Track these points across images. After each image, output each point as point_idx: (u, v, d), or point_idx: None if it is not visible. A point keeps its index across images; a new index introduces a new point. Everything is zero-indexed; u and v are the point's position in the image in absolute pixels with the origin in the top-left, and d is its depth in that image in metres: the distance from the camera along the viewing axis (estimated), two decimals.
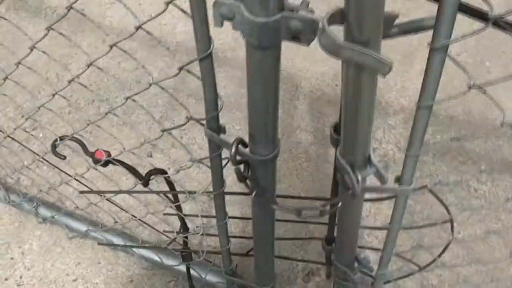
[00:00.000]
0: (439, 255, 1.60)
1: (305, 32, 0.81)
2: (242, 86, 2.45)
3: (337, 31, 0.81)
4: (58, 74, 2.57)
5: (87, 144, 1.43)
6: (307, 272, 2.00)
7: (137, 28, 1.00)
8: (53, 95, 1.43)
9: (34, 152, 1.81)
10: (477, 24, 0.80)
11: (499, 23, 0.67)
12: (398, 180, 1.18)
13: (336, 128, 1.15)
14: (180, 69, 1.02)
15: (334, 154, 1.14)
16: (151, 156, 2.25)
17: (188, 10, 0.89)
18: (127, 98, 1.21)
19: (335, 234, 1.56)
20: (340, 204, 1.24)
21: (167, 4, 0.89)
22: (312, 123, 2.36)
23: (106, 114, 1.32)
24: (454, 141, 2.26)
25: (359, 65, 0.83)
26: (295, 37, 0.83)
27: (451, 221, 1.50)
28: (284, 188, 2.18)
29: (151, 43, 2.65)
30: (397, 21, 0.87)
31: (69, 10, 1.09)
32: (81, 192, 1.64)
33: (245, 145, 1.13)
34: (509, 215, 2.10)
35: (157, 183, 1.64)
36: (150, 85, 1.13)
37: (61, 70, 2.58)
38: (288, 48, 0.93)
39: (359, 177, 1.09)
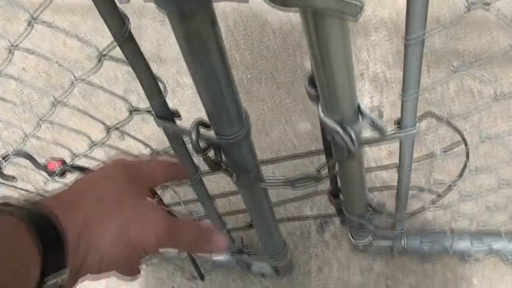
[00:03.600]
0: (459, 176, 1.42)
1: None
2: None
3: None
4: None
5: (46, 146, 1.23)
6: (319, 223, 1.82)
7: None
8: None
9: None
10: None
11: None
12: (398, 123, 0.98)
13: (312, 81, 0.94)
14: (100, 59, 0.81)
15: None
16: (123, 138, 2.03)
17: None
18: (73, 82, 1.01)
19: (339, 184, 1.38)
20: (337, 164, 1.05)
21: None
22: (289, 60, 2.13)
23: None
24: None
25: (319, 12, 0.62)
26: None
27: (464, 141, 1.31)
28: (275, 139, 1.98)
29: (95, 12, 2.39)
30: None
31: None
32: None
33: (207, 125, 0.92)
34: None
35: None
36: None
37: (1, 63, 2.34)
38: None
39: (353, 134, 0.90)
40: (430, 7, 0.65)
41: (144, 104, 2.07)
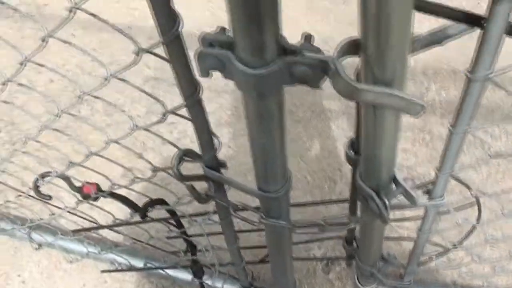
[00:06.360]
0: (467, 235, 1.48)
1: (313, 76, 0.66)
2: None
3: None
4: (31, 80, 2.38)
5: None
6: (326, 262, 1.87)
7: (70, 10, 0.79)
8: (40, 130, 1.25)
9: (16, 189, 1.65)
10: None
11: None
12: (428, 193, 1.04)
13: (353, 146, 1.00)
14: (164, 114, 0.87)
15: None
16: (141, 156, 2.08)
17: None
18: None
19: (356, 233, 1.44)
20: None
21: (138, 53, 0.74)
22: (307, 97, 2.20)
23: None
24: None
25: (383, 106, 0.68)
26: (302, 81, 0.68)
27: (478, 202, 1.36)
28: None
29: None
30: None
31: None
32: (74, 231, 1.50)
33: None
34: None
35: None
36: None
37: (34, 74, 2.40)
38: None
39: (387, 202, 0.96)
40: (450, 56, 0.70)
41: (167, 126, 2.13)
